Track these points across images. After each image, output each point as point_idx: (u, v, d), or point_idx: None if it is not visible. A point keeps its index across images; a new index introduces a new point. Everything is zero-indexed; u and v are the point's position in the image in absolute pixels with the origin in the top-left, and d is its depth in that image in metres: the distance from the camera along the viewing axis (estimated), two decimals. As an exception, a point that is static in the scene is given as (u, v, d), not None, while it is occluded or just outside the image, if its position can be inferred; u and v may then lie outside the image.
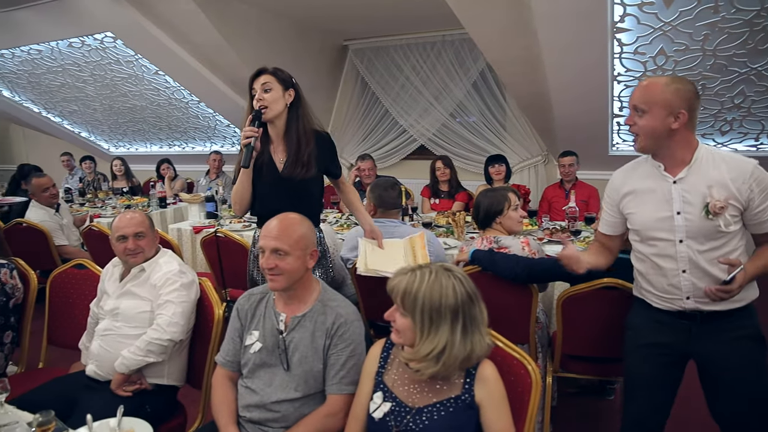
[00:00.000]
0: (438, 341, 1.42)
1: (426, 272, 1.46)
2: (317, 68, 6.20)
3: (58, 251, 4.21)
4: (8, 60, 6.30)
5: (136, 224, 2.19)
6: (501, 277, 2.38)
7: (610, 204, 1.96)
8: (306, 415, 1.72)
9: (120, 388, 2.05)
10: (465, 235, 3.63)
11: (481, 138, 6.01)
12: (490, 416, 1.47)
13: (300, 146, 2.28)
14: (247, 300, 1.87)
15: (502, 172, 4.53)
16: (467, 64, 5.82)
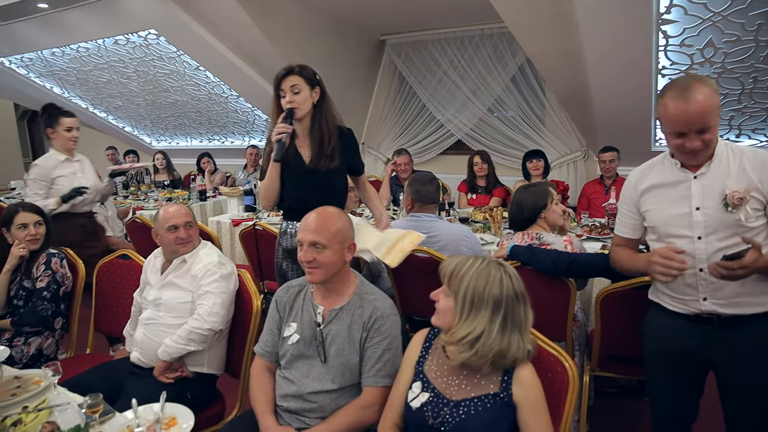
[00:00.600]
0: (475, 327, 1.42)
1: (480, 260, 1.48)
2: (354, 63, 6.21)
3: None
4: (59, 58, 6.52)
5: (186, 214, 2.27)
6: (539, 272, 2.35)
7: (629, 203, 1.87)
8: (342, 407, 1.74)
9: (162, 375, 2.11)
10: (502, 231, 3.60)
11: (519, 133, 5.93)
12: (528, 418, 1.46)
13: (323, 140, 2.37)
14: (285, 292, 1.90)
15: (540, 167, 4.47)
16: (506, 58, 5.74)
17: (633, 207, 1.86)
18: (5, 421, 1.58)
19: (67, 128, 3.40)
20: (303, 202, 2.31)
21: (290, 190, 2.42)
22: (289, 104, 2.32)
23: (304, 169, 2.39)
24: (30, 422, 1.56)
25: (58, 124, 3.38)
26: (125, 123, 8.33)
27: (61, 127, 3.39)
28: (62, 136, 3.40)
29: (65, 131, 3.40)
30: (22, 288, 2.56)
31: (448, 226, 2.87)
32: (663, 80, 4.13)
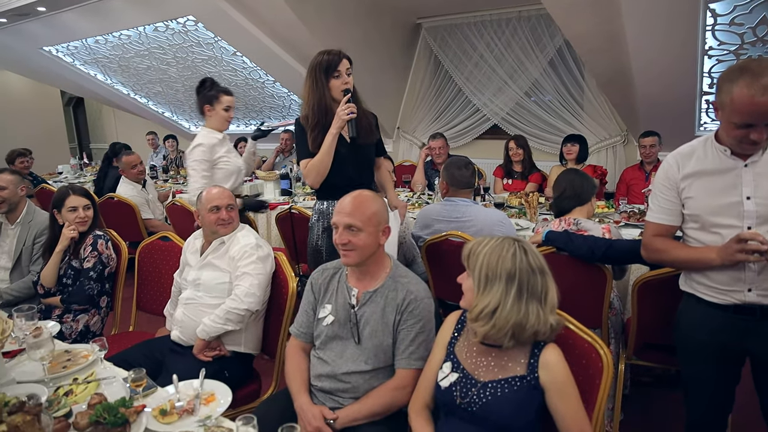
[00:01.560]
0: (490, 300, 1.45)
1: (495, 238, 1.51)
2: (389, 47, 6.18)
3: (145, 224, 4.48)
4: (102, 46, 6.69)
5: (228, 197, 2.33)
6: (575, 257, 2.32)
7: (669, 188, 1.77)
8: (375, 388, 1.76)
9: (201, 353, 2.18)
10: (537, 217, 3.56)
11: (557, 117, 5.81)
12: (556, 401, 1.46)
13: (366, 116, 2.54)
14: (320, 274, 1.92)
15: (574, 152, 4.38)
16: (544, 40, 5.61)
17: (673, 192, 1.77)
18: (58, 390, 1.66)
19: (226, 107, 3.23)
20: (349, 179, 2.42)
21: (336, 166, 2.45)
22: (345, 85, 2.43)
23: (348, 145, 2.46)
24: (80, 393, 1.64)
25: (218, 101, 3.19)
26: (165, 108, 8.51)
27: (220, 105, 3.20)
28: (220, 114, 3.21)
29: (224, 110, 3.22)
30: (71, 267, 2.66)
31: (483, 211, 2.85)
32: (709, 61, 3.98)
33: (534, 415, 1.48)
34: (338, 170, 2.44)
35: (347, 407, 1.74)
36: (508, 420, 1.47)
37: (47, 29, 6.38)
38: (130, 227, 4.37)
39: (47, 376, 1.75)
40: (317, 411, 1.72)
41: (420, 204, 4.10)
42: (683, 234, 1.82)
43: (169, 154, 7.47)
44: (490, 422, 1.48)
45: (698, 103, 4.41)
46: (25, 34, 6.60)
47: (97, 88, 8.10)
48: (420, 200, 4.27)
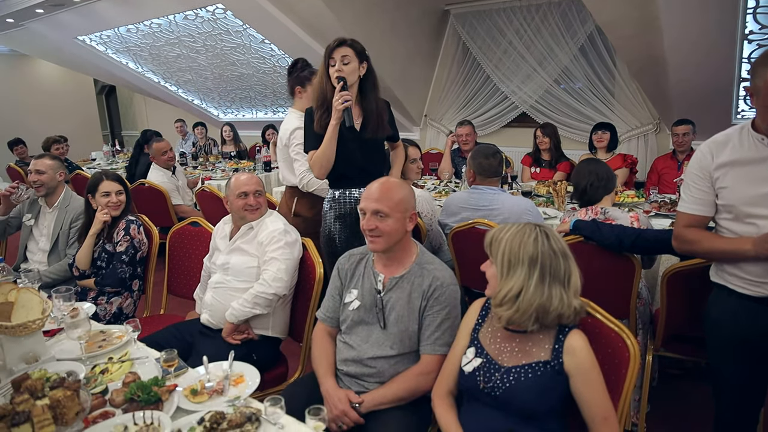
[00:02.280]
0: (513, 284, 1.46)
1: (516, 225, 1.52)
2: (416, 35, 6.13)
3: (174, 210, 4.56)
4: (133, 34, 6.80)
5: (256, 183, 2.36)
6: (603, 247, 2.29)
7: (702, 178, 1.72)
8: (400, 372, 1.78)
9: (230, 336, 2.23)
10: (565, 206, 3.51)
11: (587, 105, 5.70)
12: (580, 387, 1.46)
13: (380, 113, 2.46)
14: (347, 260, 1.94)
15: (605, 139, 4.31)
16: (574, 27, 5.50)
17: (707, 182, 1.72)
18: (95, 368, 1.72)
19: None
20: (359, 169, 2.45)
21: (344, 158, 2.46)
22: (337, 72, 2.34)
23: (356, 137, 2.45)
24: (115, 371, 1.69)
25: (310, 83, 3.01)
26: (194, 96, 8.62)
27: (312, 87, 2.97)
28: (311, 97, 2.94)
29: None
30: (105, 251, 2.74)
31: (510, 199, 2.83)
32: (749, 46, 3.85)
33: (558, 401, 1.48)
34: (348, 161, 2.45)
35: (372, 391, 1.76)
36: (530, 405, 1.47)
37: (81, 19, 6.50)
38: (160, 213, 4.45)
39: (84, 354, 1.81)
40: (343, 394, 1.74)
41: (447, 192, 4.09)
42: (716, 225, 1.78)
43: (198, 141, 7.57)
44: (513, 407, 1.49)
45: (735, 90, 4.28)
46: (60, 23, 6.74)
47: (129, 76, 8.24)
48: (447, 188, 4.26)
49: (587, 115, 5.68)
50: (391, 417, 1.71)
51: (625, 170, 4.19)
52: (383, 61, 5.57)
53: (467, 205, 2.84)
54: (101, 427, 1.37)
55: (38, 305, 1.73)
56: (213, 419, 1.34)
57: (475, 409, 1.58)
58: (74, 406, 1.33)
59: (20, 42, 8.14)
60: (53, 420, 1.29)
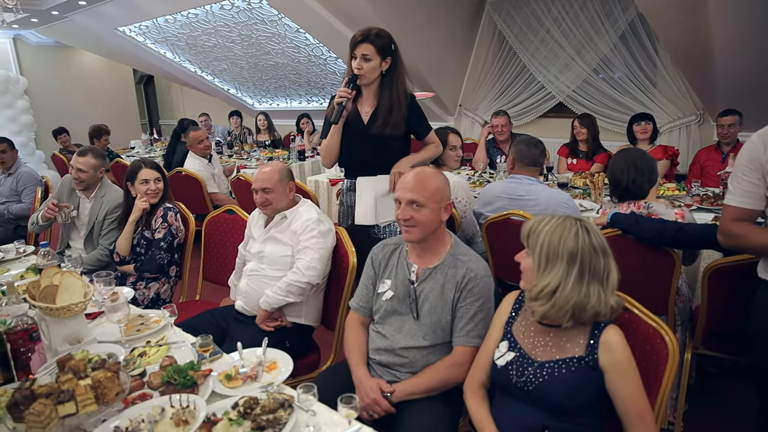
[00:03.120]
0: (551, 280, 1.43)
1: (556, 217, 1.48)
2: (452, 24, 6.06)
3: (210, 198, 4.63)
4: (171, 25, 6.90)
5: (264, 180, 2.34)
6: (642, 241, 2.23)
7: (751, 170, 1.65)
8: (432, 363, 1.77)
9: (263, 323, 2.25)
10: (603, 198, 3.44)
11: (627, 95, 5.55)
12: (616, 383, 1.43)
13: (392, 109, 2.40)
14: (381, 249, 1.94)
15: (648, 131, 4.18)
16: (615, 14, 5.35)
17: (758, 174, 1.65)
18: (133, 351, 1.77)
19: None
20: (362, 162, 2.48)
21: (349, 149, 2.50)
22: (356, 70, 2.36)
23: (362, 128, 2.45)
24: (153, 355, 1.73)
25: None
26: (230, 85, 8.72)
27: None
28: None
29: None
30: (143, 238, 2.80)
31: (547, 190, 2.79)
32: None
33: (592, 398, 1.46)
34: (351, 153, 2.51)
35: (404, 381, 1.76)
36: (563, 400, 1.45)
37: (121, 10, 6.63)
38: (197, 200, 4.53)
39: (123, 337, 1.86)
40: (375, 384, 1.75)
41: (481, 182, 4.05)
42: (766, 219, 1.71)
43: (234, 130, 7.67)
44: (546, 402, 1.47)
45: (787, 80, 4.10)
46: (101, 15, 6.89)
47: (166, 66, 8.38)
48: (481, 179, 4.21)
49: (626, 105, 5.53)
50: (423, 407, 1.71)
51: (665, 162, 4.06)
52: (418, 50, 5.52)
53: (503, 194, 2.81)
54: (140, 408, 1.40)
55: (81, 289, 1.78)
56: (247, 404, 1.36)
57: (508, 403, 1.56)
58: (114, 387, 1.37)
59: (64, 33, 8.36)
60: (95, 400, 1.32)
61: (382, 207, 2.50)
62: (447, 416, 1.73)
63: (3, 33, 8.51)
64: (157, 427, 1.32)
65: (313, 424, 1.34)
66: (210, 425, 1.31)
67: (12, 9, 5.52)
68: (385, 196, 2.49)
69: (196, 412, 1.35)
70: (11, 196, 4.43)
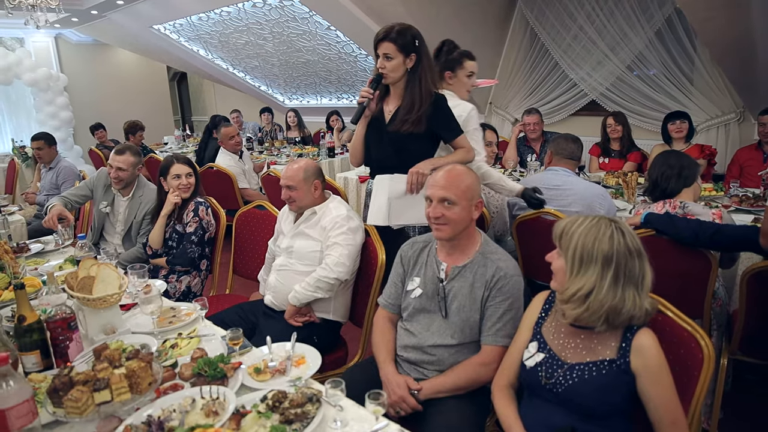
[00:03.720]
0: (585, 283, 1.40)
1: (590, 218, 1.45)
2: (484, 21, 6.01)
3: (241, 193, 4.69)
4: (204, 22, 7.01)
5: (289, 177, 2.35)
6: (677, 241, 2.18)
7: None
8: (460, 362, 1.77)
9: (292, 318, 2.28)
10: (636, 198, 3.37)
11: (662, 93, 5.42)
12: (648, 388, 1.40)
13: (413, 107, 2.31)
14: (410, 247, 1.94)
15: (684, 129, 4.07)
16: (651, 9, 5.23)
17: None
18: (165, 343, 1.81)
19: (469, 73, 2.74)
20: (379, 162, 2.43)
21: (370, 148, 2.48)
22: (380, 69, 2.32)
23: (383, 129, 2.40)
24: (184, 347, 1.77)
25: (461, 67, 2.71)
26: (261, 82, 8.81)
27: (463, 71, 2.71)
28: (462, 82, 2.73)
29: (467, 77, 2.74)
30: (175, 231, 2.85)
31: (584, 183, 2.87)
32: None
33: (622, 402, 1.43)
34: (370, 152, 2.49)
35: (431, 379, 1.76)
36: (593, 403, 1.43)
37: (157, 8, 6.76)
38: (228, 196, 4.60)
39: (156, 329, 1.90)
40: (402, 381, 1.75)
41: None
42: None
43: (264, 127, 7.75)
44: (575, 404, 1.45)
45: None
46: (137, 13, 7.03)
47: (199, 63, 8.52)
48: (511, 177, 4.17)
49: (661, 103, 5.41)
50: (449, 406, 1.70)
51: (702, 162, 3.96)
52: (448, 47, 5.48)
53: (539, 184, 2.79)
54: (171, 398, 1.43)
55: (116, 280, 1.82)
56: (275, 398, 1.37)
57: (536, 404, 1.55)
58: (147, 377, 1.40)
59: (102, 32, 8.57)
60: (129, 388, 1.36)
61: (396, 208, 2.37)
62: (474, 415, 1.72)
63: (46, 32, 8.77)
64: (188, 418, 1.34)
65: (340, 419, 1.35)
66: (239, 417, 1.32)
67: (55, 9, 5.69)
68: (400, 198, 2.36)
69: (226, 404, 1.37)
70: (51, 190, 4.58)
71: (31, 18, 5.88)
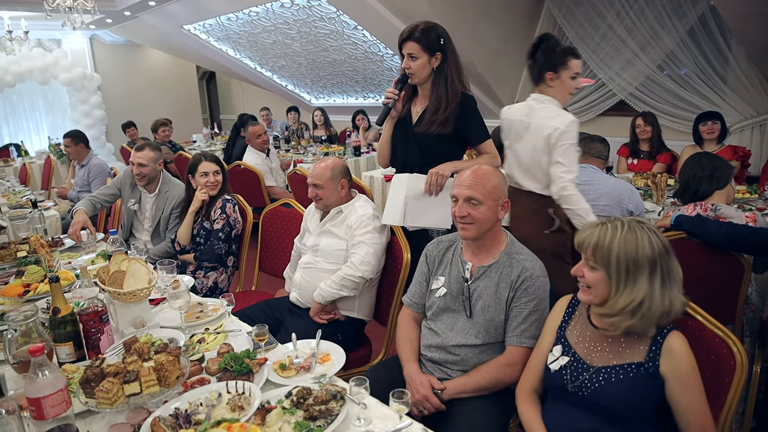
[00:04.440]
0: (636, 294, 1.36)
1: (617, 224, 1.40)
2: (510, 19, 5.95)
3: (268, 191, 4.74)
4: (233, 23, 7.10)
5: (315, 176, 2.36)
6: (708, 244, 2.13)
7: None
8: (484, 362, 1.76)
9: (317, 316, 2.29)
10: (665, 200, 3.31)
11: (694, 93, 5.30)
12: (677, 392, 1.37)
13: (438, 107, 2.29)
14: (435, 246, 1.94)
15: (715, 130, 3.98)
16: (684, 8, 5.11)
17: None
18: (193, 337, 1.84)
19: (574, 75, 2.45)
20: (404, 162, 2.42)
21: (396, 149, 2.48)
22: (405, 69, 2.31)
23: (410, 130, 2.39)
24: (211, 342, 1.80)
25: (564, 66, 2.42)
26: (288, 81, 8.88)
27: (567, 72, 2.43)
28: (565, 84, 2.45)
29: (571, 78, 2.45)
30: (203, 228, 2.90)
31: (612, 179, 2.93)
32: None
33: (650, 407, 1.41)
34: (396, 152, 2.50)
35: (455, 379, 1.76)
36: (619, 407, 1.41)
37: (188, 9, 6.87)
38: (255, 193, 4.65)
39: (184, 324, 1.93)
40: (425, 380, 1.75)
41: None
42: None
43: (291, 126, 7.82)
44: (601, 408, 1.43)
45: None
46: (169, 14, 7.16)
47: (228, 62, 8.63)
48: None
49: (693, 103, 5.29)
50: (473, 406, 1.70)
51: (735, 163, 3.87)
52: (474, 45, 5.46)
53: None
54: (198, 392, 1.46)
55: (146, 275, 1.86)
56: (300, 394, 1.39)
57: (560, 408, 1.53)
58: (175, 371, 1.43)
59: (134, 32, 8.76)
60: (157, 381, 1.39)
61: (413, 209, 2.29)
62: (497, 416, 1.71)
63: (81, 33, 9.00)
64: (214, 412, 1.37)
65: (364, 417, 1.36)
66: (264, 412, 1.34)
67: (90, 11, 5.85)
68: (417, 198, 2.29)
69: (252, 399, 1.39)
70: (84, 186, 4.70)
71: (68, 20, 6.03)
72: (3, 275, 2.43)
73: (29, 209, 3.43)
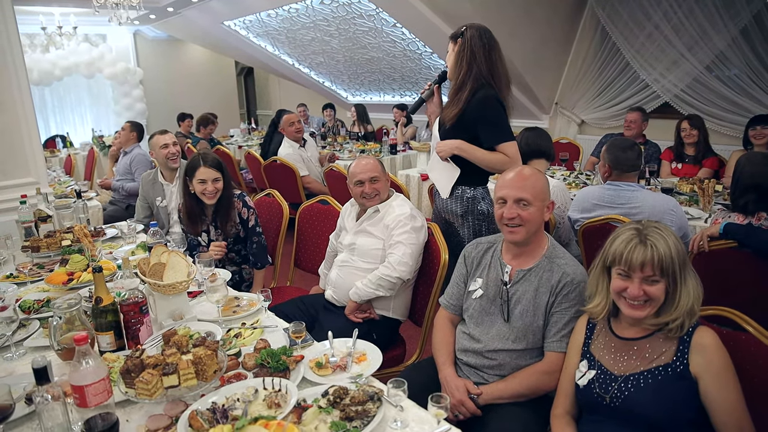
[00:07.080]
0: (690, 288, 1.39)
1: (652, 231, 1.40)
2: (552, 18, 5.84)
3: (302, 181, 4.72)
4: (273, 19, 7.16)
5: (371, 169, 2.34)
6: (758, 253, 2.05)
7: None
8: (522, 367, 1.72)
9: (352, 314, 2.28)
10: (712, 206, 3.19)
11: (744, 95, 5.09)
12: (711, 389, 1.33)
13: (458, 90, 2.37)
14: (474, 247, 1.90)
15: (765, 135, 3.80)
16: (737, 5, 4.91)
17: None
18: (230, 332, 1.85)
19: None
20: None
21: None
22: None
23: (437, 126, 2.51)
24: (248, 337, 1.80)
25: None
26: (325, 78, 8.93)
27: None
28: None
29: None
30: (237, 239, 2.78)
31: (652, 197, 2.63)
32: None
33: (688, 412, 1.35)
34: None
35: (492, 384, 1.72)
36: (653, 413, 1.37)
37: (228, 5, 6.96)
38: (291, 190, 4.66)
39: (221, 318, 1.95)
40: (462, 384, 1.72)
41: (577, 184, 3.88)
42: None
43: (327, 122, 7.85)
44: (636, 416, 1.39)
45: None
46: (210, 10, 7.28)
47: (266, 58, 8.72)
48: (577, 180, 4.03)
49: (743, 106, 5.08)
50: (510, 413, 1.66)
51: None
52: (514, 44, 5.38)
53: (602, 202, 2.67)
54: (235, 387, 1.46)
55: (185, 268, 1.88)
56: (336, 394, 1.37)
57: (596, 422, 1.49)
58: (213, 365, 1.43)
59: (176, 28, 8.93)
60: (195, 375, 1.40)
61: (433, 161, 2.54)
62: (534, 424, 1.67)
63: (126, 29, 9.23)
64: (251, 407, 1.36)
65: (401, 420, 1.33)
66: (300, 411, 1.33)
67: (135, 6, 5.98)
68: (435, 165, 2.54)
69: (288, 397, 1.38)
70: (125, 174, 4.79)
71: (114, 15, 6.18)
72: (49, 263, 2.50)
73: (73, 199, 3.52)
